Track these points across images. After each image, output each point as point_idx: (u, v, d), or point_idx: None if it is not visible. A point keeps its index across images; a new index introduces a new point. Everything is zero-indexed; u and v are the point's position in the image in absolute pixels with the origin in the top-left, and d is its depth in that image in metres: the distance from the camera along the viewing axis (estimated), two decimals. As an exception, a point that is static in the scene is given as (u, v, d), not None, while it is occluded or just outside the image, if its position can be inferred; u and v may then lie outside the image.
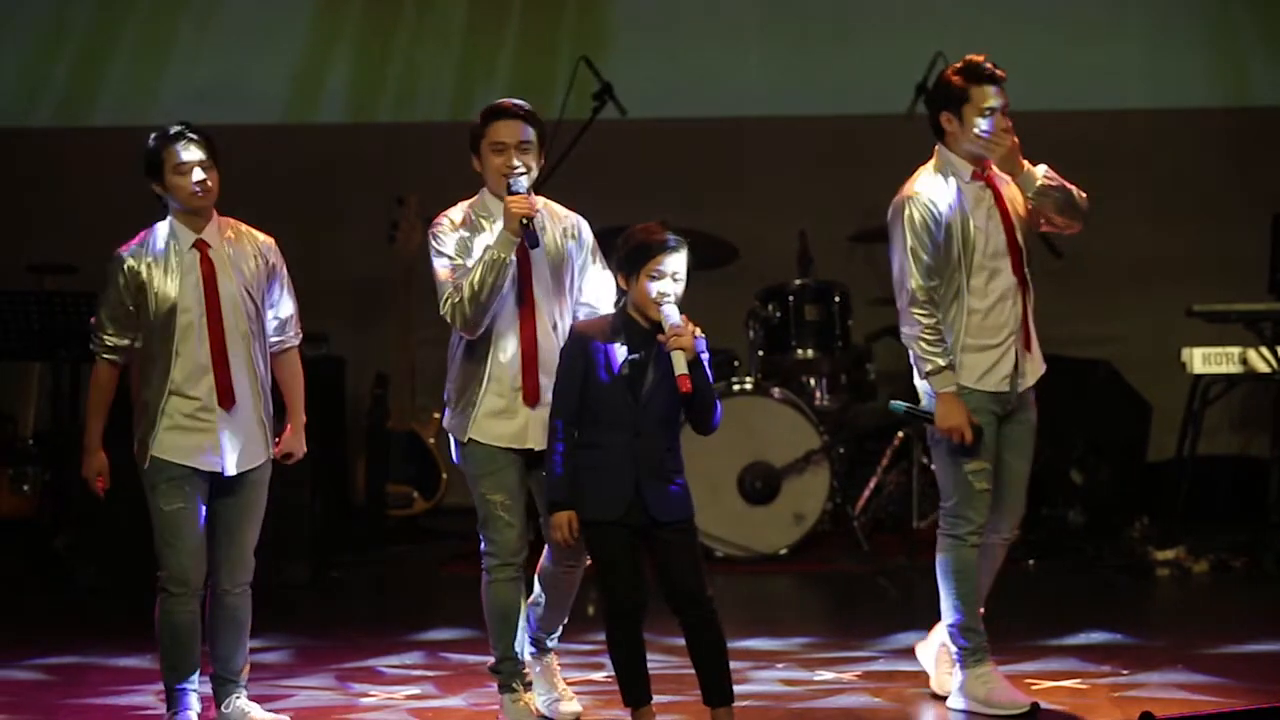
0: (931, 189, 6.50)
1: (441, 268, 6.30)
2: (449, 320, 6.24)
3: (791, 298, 10.23)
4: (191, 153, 6.28)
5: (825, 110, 11.59)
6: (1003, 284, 6.54)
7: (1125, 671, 7.08)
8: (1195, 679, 6.94)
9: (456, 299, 6.20)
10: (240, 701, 6.46)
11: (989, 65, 6.53)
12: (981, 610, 6.59)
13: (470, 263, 6.23)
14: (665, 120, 11.48)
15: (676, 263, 5.97)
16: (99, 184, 11.57)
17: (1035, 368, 6.71)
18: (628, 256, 6.00)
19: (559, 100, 10.42)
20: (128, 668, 7.45)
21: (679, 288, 5.98)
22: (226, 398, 6.27)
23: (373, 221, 10.91)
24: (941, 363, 6.45)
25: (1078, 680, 6.98)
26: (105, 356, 6.38)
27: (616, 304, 6.21)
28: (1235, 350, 9.72)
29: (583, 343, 6.04)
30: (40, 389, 10.53)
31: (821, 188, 11.38)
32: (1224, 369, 9.75)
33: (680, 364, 5.88)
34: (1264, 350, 9.63)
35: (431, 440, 10.55)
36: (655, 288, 5.94)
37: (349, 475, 10.48)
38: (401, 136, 11.74)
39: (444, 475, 10.52)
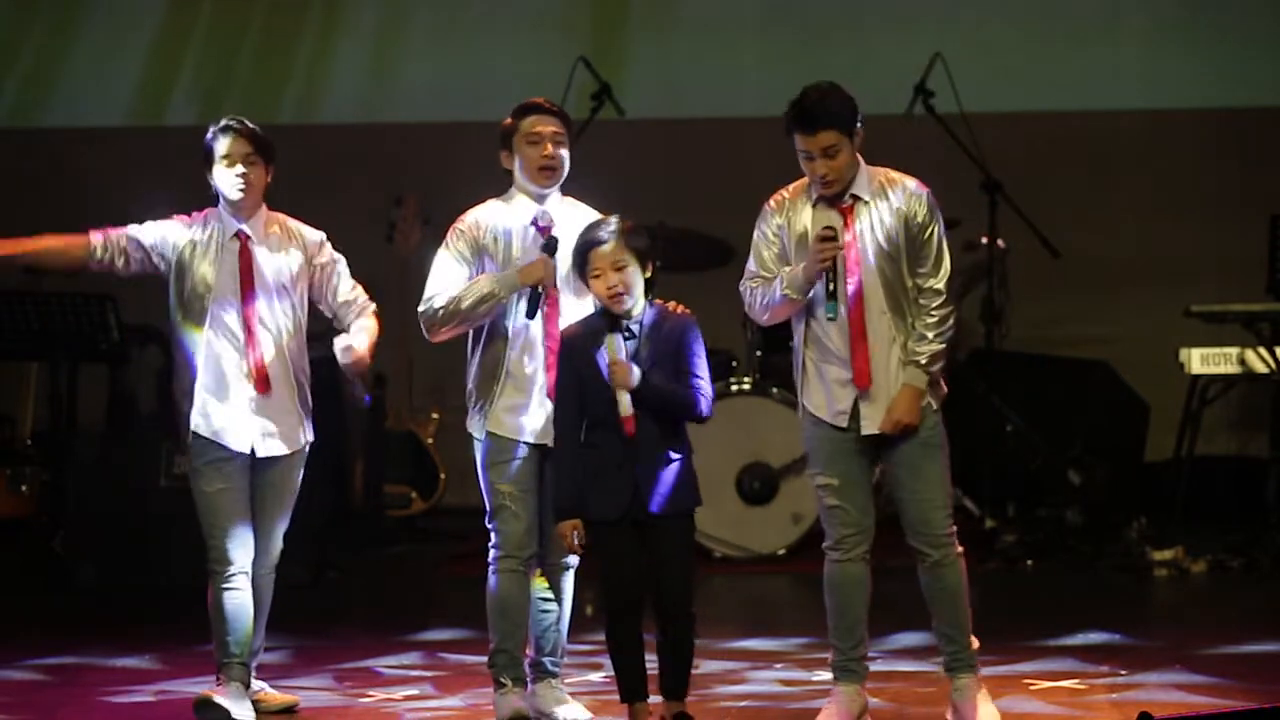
0: None
1: (441, 264, 6.29)
2: (419, 317, 6.27)
3: (790, 298, 10.20)
4: (235, 146, 6.40)
5: (824, 110, 11.56)
6: None
7: (1123, 672, 7.07)
8: (1193, 679, 6.93)
9: (436, 305, 6.22)
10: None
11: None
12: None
13: (474, 272, 6.23)
14: (663, 120, 11.47)
15: (611, 254, 5.92)
16: (96, 184, 11.57)
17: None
18: (574, 265, 6.03)
19: (558, 100, 10.39)
20: (127, 668, 7.45)
21: (628, 275, 5.93)
22: (263, 383, 6.38)
23: (371, 221, 10.89)
24: None
25: (1076, 680, 6.97)
26: (98, 235, 6.56)
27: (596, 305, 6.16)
28: (1233, 350, 9.72)
29: (571, 348, 6.05)
30: (38, 390, 10.51)
31: (820, 188, 11.35)
32: (1222, 369, 9.75)
33: (624, 406, 5.87)
34: (1262, 350, 9.63)
35: (430, 440, 10.54)
36: (601, 285, 5.93)
37: (347, 476, 10.47)
38: (401, 136, 11.74)
39: (442, 475, 10.51)
